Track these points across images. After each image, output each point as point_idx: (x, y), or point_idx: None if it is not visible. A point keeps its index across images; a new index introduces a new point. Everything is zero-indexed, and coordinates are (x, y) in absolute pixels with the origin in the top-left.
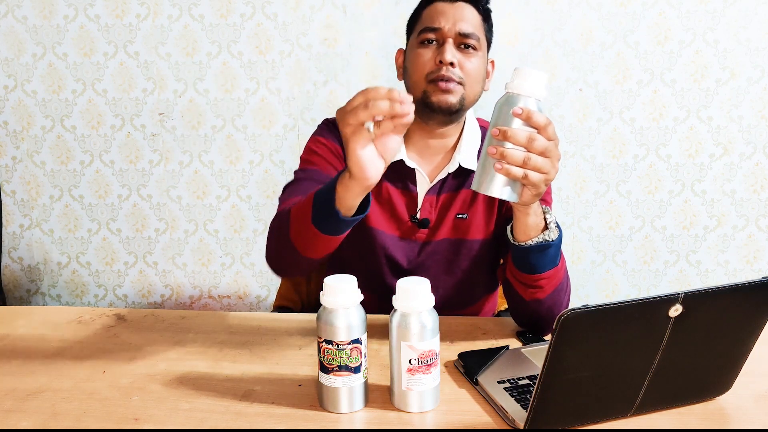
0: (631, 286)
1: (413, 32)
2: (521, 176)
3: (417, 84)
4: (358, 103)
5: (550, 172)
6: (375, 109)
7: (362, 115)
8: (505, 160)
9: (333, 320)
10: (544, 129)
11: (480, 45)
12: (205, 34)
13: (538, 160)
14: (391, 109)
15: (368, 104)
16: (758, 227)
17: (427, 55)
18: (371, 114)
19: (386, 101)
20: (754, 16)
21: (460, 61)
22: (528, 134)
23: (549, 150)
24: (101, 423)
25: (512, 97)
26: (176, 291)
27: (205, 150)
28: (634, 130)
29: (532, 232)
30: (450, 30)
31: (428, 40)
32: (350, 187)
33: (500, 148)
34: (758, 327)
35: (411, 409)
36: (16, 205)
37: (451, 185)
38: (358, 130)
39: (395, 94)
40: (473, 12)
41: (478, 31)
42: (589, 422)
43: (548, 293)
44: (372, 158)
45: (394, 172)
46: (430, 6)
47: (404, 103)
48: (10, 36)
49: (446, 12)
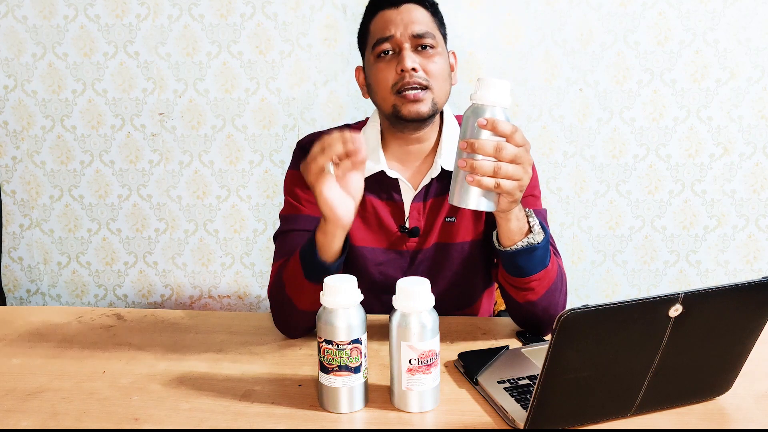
0: (631, 286)
1: (366, 47)
2: (494, 186)
3: (385, 99)
4: (316, 152)
5: (522, 178)
6: (331, 151)
7: (321, 160)
8: (475, 172)
9: (333, 320)
10: (511, 137)
11: (437, 42)
12: (205, 34)
13: (508, 168)
14: (345, 148)
15: (324, 149)
16: (758, 227)
17: (387, 67)
18: (329, 156)
19: (339, 143)
20: (754, 16)
21: (422, 64)
22: (495, 144)
23: (518, 156)
24: (101, 423)
25: (477, 108)
26: (176, 291)
27: (205, 150)
28: (634, 130)
29: (516, 236)
30: (403, 35)
31: (384, 51)
32: (328, 231)
33: (470, 160)
34: (758, 327)
35: (411, 409)
36: (16, 205)
37: (436, 189)
38: (321, 175)
39: (346, 135)
40: (421, 11)
41: (431, 29)
42: (589, 422)
43: (541, 294)
44: (340, 198)
45: (377, 185)
46: (376, 17)
47: (355, 141)
48: (10, 36)
49: (394, 18)
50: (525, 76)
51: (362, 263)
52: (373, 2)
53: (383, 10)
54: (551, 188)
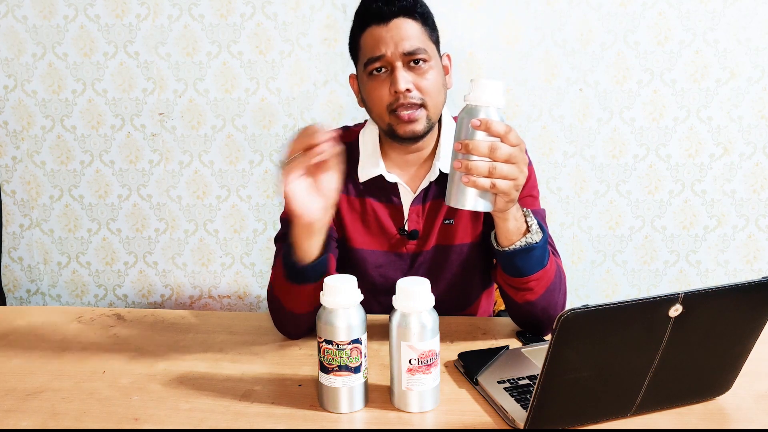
0: (631, 286)
1: (358, 61)
2: (489, 186)
3: (380, 117)
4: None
5: (518, 177)
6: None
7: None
8: (471, 173)
9: (333, 320)
10: (506, 136)
11: (429, 55)
12: (205, 34)
13: (503, 168)
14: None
15: (292, 146)
16: (758, 227)
17: (381, 87)
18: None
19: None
20: (754, 16)
21: (415, 82)
22: (489, 144)
23: (513, 156)
24: (101, 423)
25: (471, 108)
26: (176, 291)
27: (205, 150)
28: (634, 130)
29: (514, 236)
30: (394, 54)
31: (376, 69)
32: (299, 231)
33: (465, 161)
34: (758, 327)
35: (411, 409)
36: (16, 205)
37: (435, 192)
38: (290, 173)
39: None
40: (410, 24)
41: (422, 43)
42: (589, 422)
43: (539, 294)
44: (308, 196)
45: (376, 188)
46: (365, 33)
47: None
48: (10, 36)
49: (383, 36)
50: (525, 76)
51: (362, 266)
52: (361, 16)
53: (372, 27)
54: (551, 188)
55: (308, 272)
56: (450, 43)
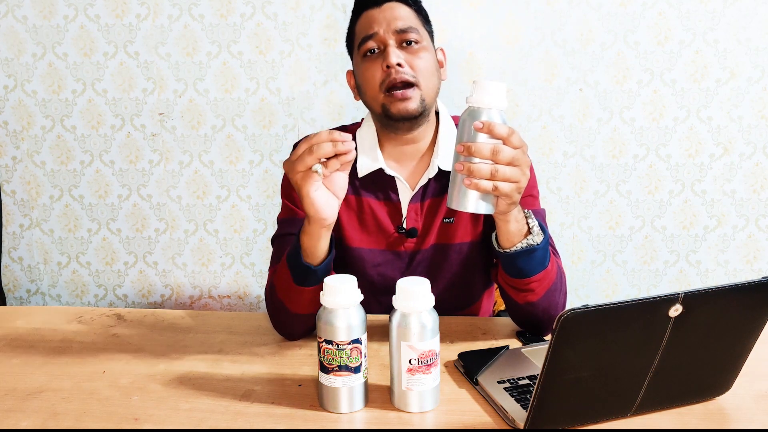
0: (631, 286)
1: (354, 49)
2: (491, 189)
3: (374, 98)
4: (303, 151)
5: (520, 180)
6: (320, 151)
7: (309, 160)
8: (473, 176)
9: (333, 320)
10: (508, 139)
11: (421, 37)
12: (205, 34)
13: (506, 170)
14: (335, 148)
15: (313, 149)
16: (758, 227)
17: (374, 65)
18: (317, 157)
19: (329, 143)
20: (754, 16)
21: (408, 60)
22: (492, 147)
23: (516, 159)
24: (101, 423)
25: (474, 110)
26: (176, 291)
27: (205, 150)
28: (634, 130)
29: (515, 238)
30: (386, 32)
31: (370, 50)
32: (312, 232)
33: (467, 163)
34: (758, 327)
35: (411, 409)
36: (16, 205)
37: (434, 189)
38: (307, 175)
39: (336, 135)
40: (403, 8)
41: (414, 24)
42: (589, 422)
43: (541, 295)
44: (325, 198)
45: (374, 184)
46: (360, 18)
47: (346, 142)
48: (10, 36)
49: (377, 17)
50: (525, 76)
51: (360, 265)
52: (357, 4)
53: (366, 11)
54: (551, 188)
55: (319, 273)
56: (450, 43)
